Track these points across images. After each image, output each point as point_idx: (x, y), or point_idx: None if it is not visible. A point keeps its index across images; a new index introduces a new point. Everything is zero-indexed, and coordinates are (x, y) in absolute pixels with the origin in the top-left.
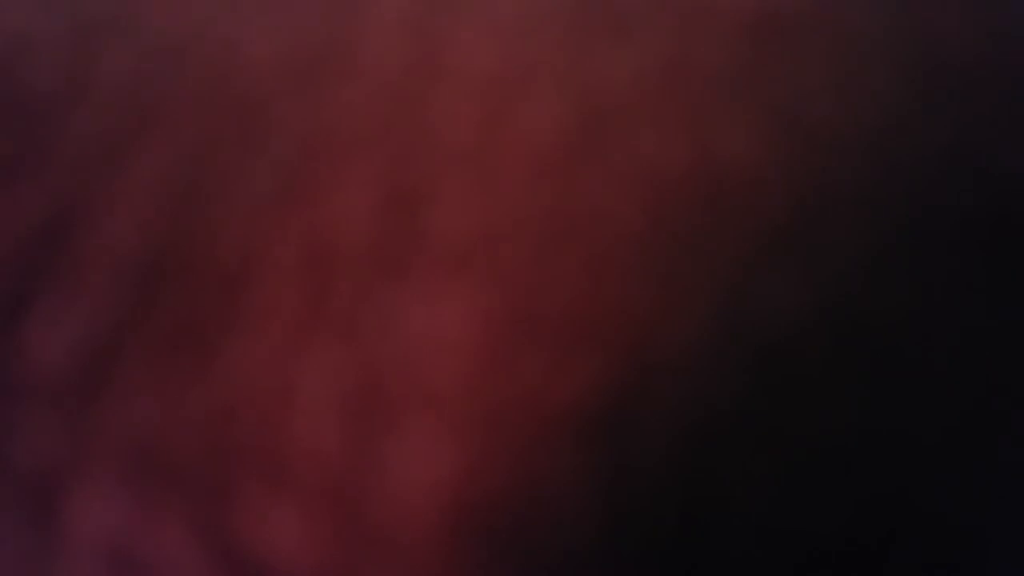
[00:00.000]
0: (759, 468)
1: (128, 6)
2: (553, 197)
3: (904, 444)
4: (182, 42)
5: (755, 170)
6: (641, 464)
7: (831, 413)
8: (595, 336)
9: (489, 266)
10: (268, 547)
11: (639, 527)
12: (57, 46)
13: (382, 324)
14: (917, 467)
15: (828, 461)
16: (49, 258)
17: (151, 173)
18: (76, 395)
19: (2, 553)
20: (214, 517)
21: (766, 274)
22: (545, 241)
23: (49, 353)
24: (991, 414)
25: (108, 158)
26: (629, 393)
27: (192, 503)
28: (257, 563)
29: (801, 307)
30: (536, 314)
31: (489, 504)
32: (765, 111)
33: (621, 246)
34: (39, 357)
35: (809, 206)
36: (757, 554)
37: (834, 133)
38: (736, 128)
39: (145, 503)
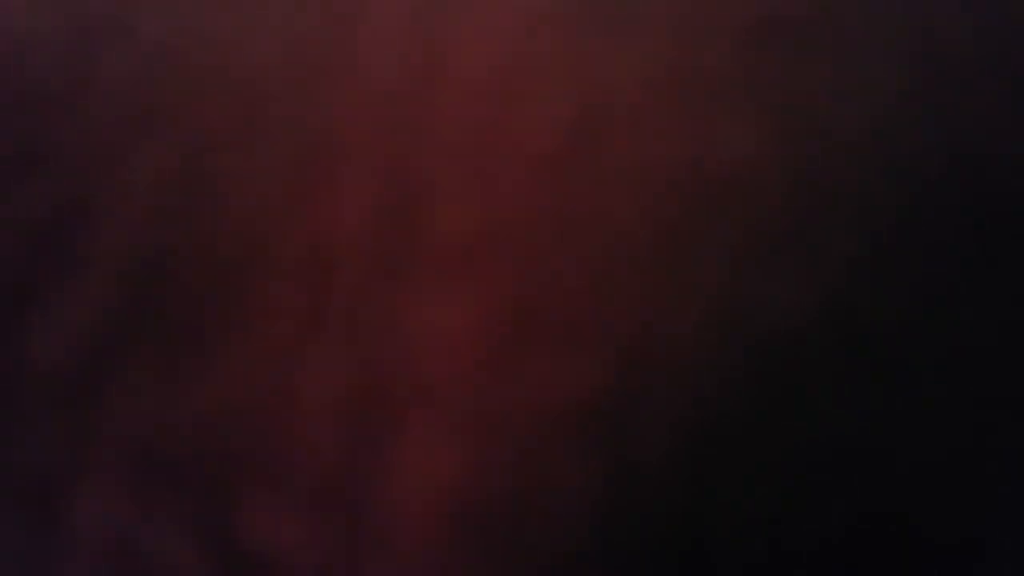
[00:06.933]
0: (759, 468)
1: (129, 6)
2: (553, 197)
3: (904, 443)
4: (183, 42)
5: (755, 170)
6: (641, 463)
7: (831, 412)
8: (595, 335)
9: (489, 266)
10: (268, 547)
11: (639, 527)
12: (58, 46)
13: (382, 324)
14: (917, 466)
15: (828, 460)
16: (50, 257)
17: (151, 172)
18: (76, 395)
19: (3, 553)
20: (214, 517)
21: (766, 274)
22: (545, 241)
23: (49, 353)
24: (991, 413)
25: (108, 158)
26: (629, 393)
27: (192, 503)
28: (257, 563)
29: (801, 307)
30: (536, 314)
31: (489, 504)
32: (765, 111)
33: (621, 245)
34: (39, 357)
35: (809, 206)
36: (756, 554)
37: (834, 133)
38: (736, 128)
39: (145, 503)
